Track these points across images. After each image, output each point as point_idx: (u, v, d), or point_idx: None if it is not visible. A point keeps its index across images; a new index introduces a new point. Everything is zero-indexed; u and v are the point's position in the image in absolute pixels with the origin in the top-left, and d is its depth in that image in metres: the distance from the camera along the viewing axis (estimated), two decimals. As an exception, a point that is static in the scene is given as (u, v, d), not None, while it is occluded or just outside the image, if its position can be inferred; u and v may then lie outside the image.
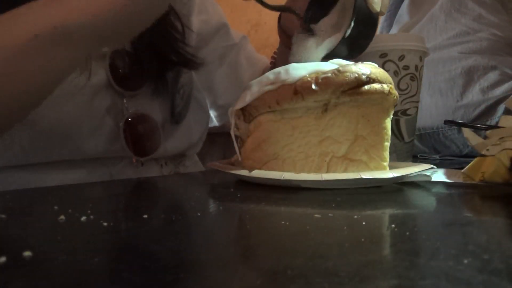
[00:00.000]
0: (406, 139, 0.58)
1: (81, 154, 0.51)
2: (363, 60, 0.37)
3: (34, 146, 0.47)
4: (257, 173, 0.36)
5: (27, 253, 0.16)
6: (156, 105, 0.57)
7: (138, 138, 0.54)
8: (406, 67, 0.56)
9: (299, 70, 0.35)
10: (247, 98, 0.37)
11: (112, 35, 0.36)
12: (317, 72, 0.34)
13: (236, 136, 0.40)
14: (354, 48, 0.45)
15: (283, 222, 0.23)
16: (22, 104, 0.37)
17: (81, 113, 0.49)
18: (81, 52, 0.37)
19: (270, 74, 0.36)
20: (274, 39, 0.63)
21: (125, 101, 0.53)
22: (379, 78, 0.35)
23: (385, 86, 0.35)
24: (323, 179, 0.33)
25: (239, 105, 0.38)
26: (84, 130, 0.50)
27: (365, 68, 0.34)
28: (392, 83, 0.37)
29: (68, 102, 0.48)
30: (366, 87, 0.34)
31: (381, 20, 1.02)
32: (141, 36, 0.38)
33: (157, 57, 0.56)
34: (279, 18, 0.58)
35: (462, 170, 0.37)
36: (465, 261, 0.15)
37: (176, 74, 0.60)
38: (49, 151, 0.48)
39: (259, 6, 0.46)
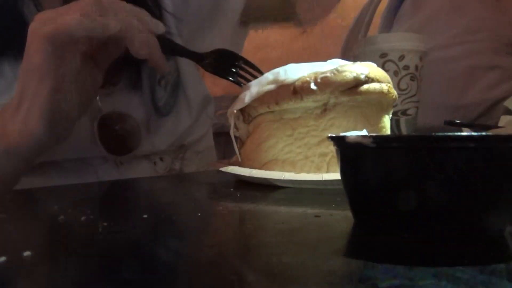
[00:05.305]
0: (406, 139, 0.58)
1: (58, 154, 0.49)
2: (362, 60, 0.37)
3: None
4: (257, 173, 0.36)
5: (27, 253, 0.16)
6: (135, 101, 0.54)
7: (114, 138, 0.53)
8: (406, 67, 0.56)
9: (298, 70, 0.35)
10: (246, 98, 0.37)
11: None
12: (315, 72, 0.34)
13: (235, 137, 0.40)
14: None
15: (283, 222, 0.23)
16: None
17: None
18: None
19: (269, 75, 0.36)
20: (274, 39, 0.64)
21: (98, 98, 0.51)
22: (377, 77, 0.35)
23: (383, 85, 0.35)
24: (323, 179, 0.33)
25: (238, 106, 0.38)
26: None
27: (364, 68, 0.34)
28: (391, 82, 0.37)
29: None
30: (365, 86, 0.34)
31: (381, 20, 1.02)
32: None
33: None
34: None
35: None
36: (465, 261, 0.15)
37: None
38: None
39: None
